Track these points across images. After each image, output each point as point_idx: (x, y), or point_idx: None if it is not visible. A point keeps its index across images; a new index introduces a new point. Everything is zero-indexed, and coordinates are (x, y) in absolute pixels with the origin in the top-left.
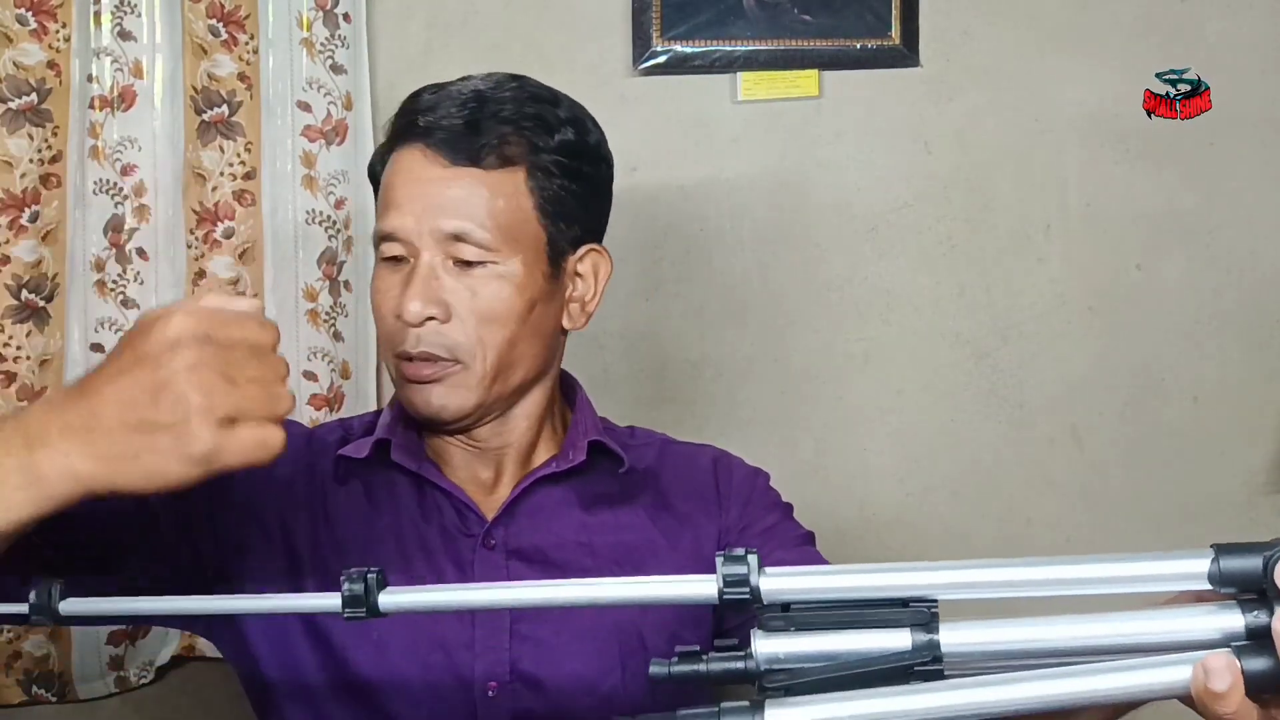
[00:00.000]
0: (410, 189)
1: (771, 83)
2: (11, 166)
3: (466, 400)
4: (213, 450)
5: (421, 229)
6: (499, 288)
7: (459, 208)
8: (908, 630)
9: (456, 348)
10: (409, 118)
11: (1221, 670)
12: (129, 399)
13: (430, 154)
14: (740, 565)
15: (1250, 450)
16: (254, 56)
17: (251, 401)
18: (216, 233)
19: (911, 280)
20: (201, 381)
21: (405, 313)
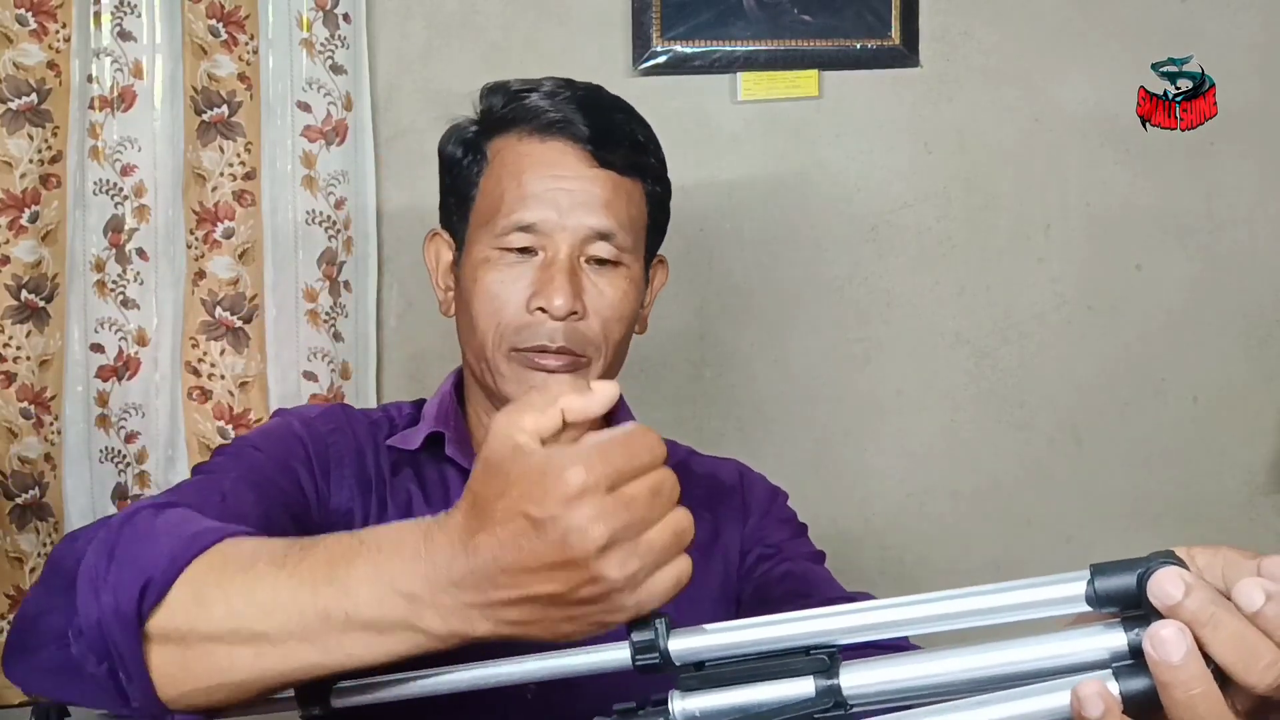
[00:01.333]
0: (557, 183)
1: (771, 83)
2: (11, 166)
3: None
4: (635, 611)
5: (565, 223)
6: (625, 289)
7: (606, 207)
8: (810, 678)
9: (587, 344)
10: (545, 113)
11: (1092, 697)
12: (535, 573)
13: (578, 151)
14: (648, 631)
15: (1250, 450)
16: (254, 57)
17: (666, 550)
18: (216, 233)
19: (911, 280)
20: (619, 557)
21: (552, 306)
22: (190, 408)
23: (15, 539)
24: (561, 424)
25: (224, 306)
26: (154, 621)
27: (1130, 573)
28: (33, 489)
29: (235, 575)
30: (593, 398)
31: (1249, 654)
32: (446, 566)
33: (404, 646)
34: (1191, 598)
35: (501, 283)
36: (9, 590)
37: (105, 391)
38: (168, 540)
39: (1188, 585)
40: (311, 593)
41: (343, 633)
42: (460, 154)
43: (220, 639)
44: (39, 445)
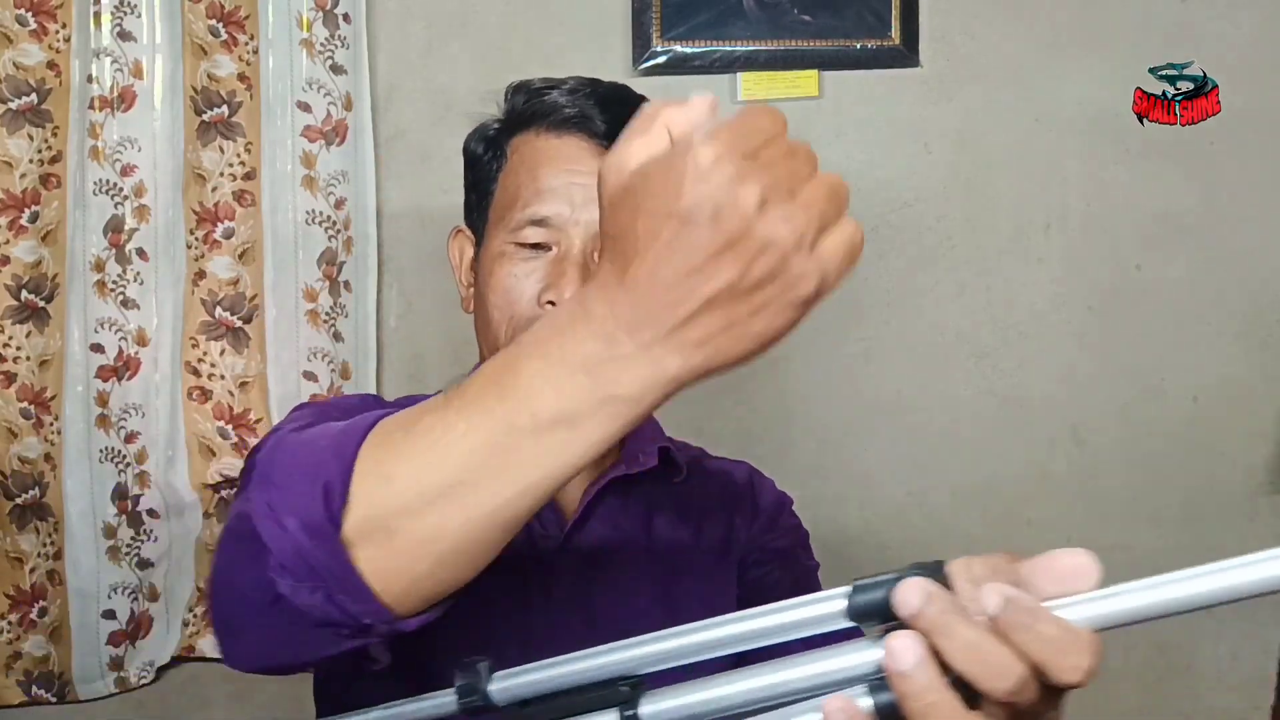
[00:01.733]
0: (570, 178)
1: (771, 83)
2: (11, 167)
3: None
4: (820, 280)
5: (579, 218)
6: None
7: None
8: (616, 710)
9: None
10: (561, 109)
11: (836, 713)
12: (702, 270)
13: (593, 146)
14: (472, 674)
15: (1250, 450)
16: (254, 57)
17: (824, 204)
18: (216, 233)
19: (911, 280)
20: (780, 214)
21: (563, 300)
22: (190, 408)
23: (15, 539)
24: (668, 142)
25: (224, 306)
26: (349, 524)
27: (886, 587)
28: (33, 489)
29: (405, 440)
30: (692, 106)
31: (982, 662)
32: (612, 316)
33: (604, 428)
34: (929, 606)
35: (514, 276)
36: (9, 590)
37: (105, 391)
38: (325, 443)
39: (926, 594)
40: (487, 414)
41: (535, 440)
42: (481, 151)
43: (419, 509)
44: (39, 445)
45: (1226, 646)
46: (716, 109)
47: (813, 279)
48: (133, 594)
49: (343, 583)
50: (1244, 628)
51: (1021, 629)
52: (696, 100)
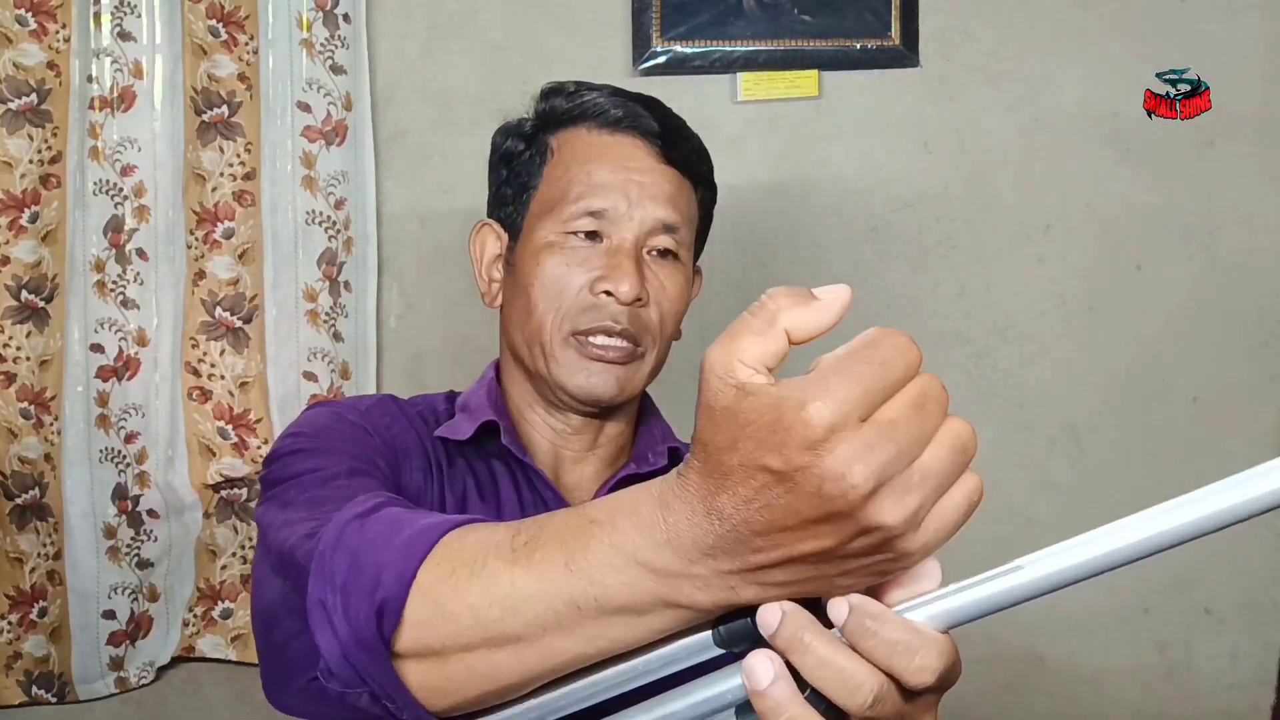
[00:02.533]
0: (627, 174)
1: (771, 83)
2: (11, 167)
3: (636, 385)
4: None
5: (633, 213)
6: (682, 284)
7: (672, 201)
8: None
9: (645, 333)
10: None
11: None
12: (795, 531)
13: (647, 146)
14: None
15: (1250, 450)
16: (254, 57)
17: (947, 473)
18: (216, 233)
19: (911, 280)
20: (893, 498)
21: (620, 290)
22: (190, 408)
23: (15, 539)
24: (787, 347)
25: (224, 307)
26: (400, 642)
27: (750, 612)
28: (33, 489)
29: (469, 579)
30: (821, 307)
31: (837, 677)
32: (692, 536)
33: (667, 623)
34: (784, 625)
35: (567, 265)
36: (9, 590)
37: (105, 392)
38: (388, 552)
39: (783, 613)
40: (553, 586)
41: (598, 620)
42: (521, 147)
43: (474, 647)
44: (39, 445)
45: (1226, 646)
46: (847, 307)
47: (917, 555)
48: (133, 594)
49: (389, 691)
50: (1244, 628)
51: (868, 635)
52: (827, 299)
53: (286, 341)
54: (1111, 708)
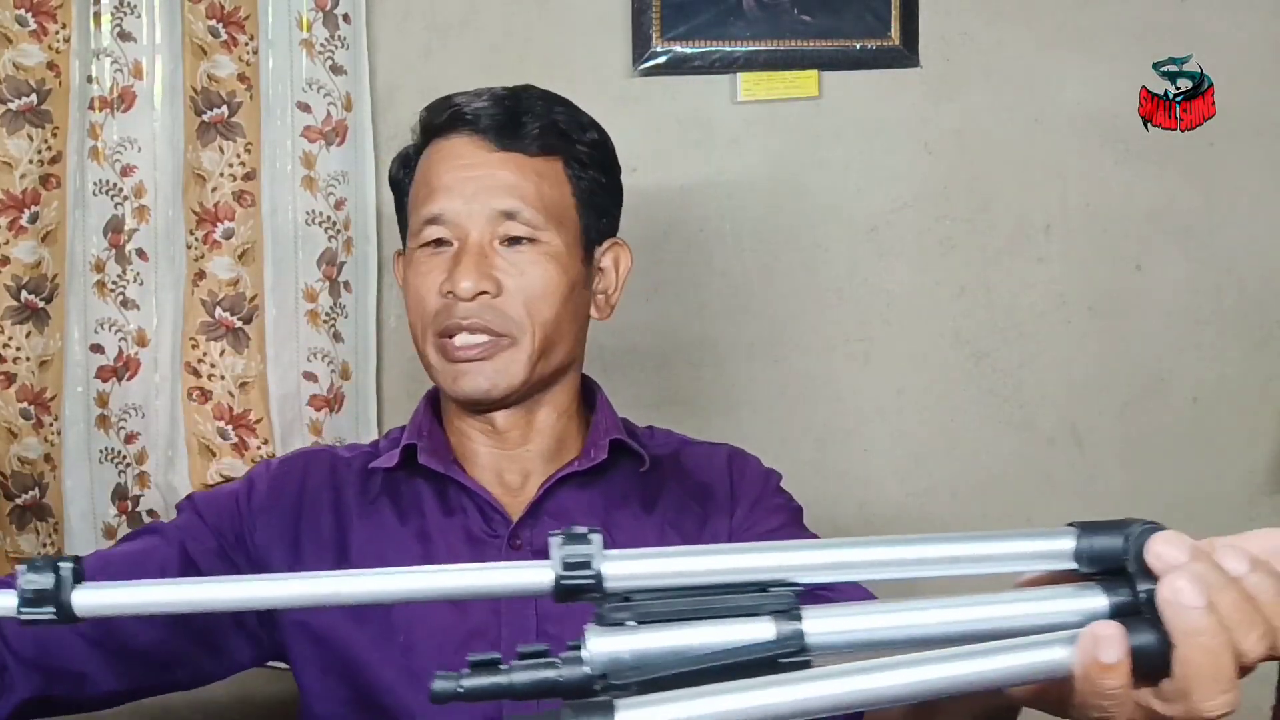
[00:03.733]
0: (460, 173)
1: (771, 83)
2: (11, 167)
3: (515, 376)
4: None
5: (472, 209)
6: (547, 266)
7: (511, 188)
8: (770, 619)
9: (507, 322)
10: (448, 111)
11: (1112, 638)
12: None
13: (478, 140)
14: (583, 545)
15: (1250, 450)
16: (254, 57)
17: None
18: (216, 233)
19: (911, 280)
20: None
21: (458, 288)
22: (190, 408)
23: (15, 539)
24: None
25: (224, 307)
26: None
27: (1117, 534)
28: (33, 489)
29: None
30: None
31: (1248, 621)
32: None
33: None
34: (1196, 561)
35: (421, 275)
36: None
37: (105, 392)
38: None
39: (1192, 549)
40: None
41: None
42: (401, 174)
43: None
44: (39, 446)
45: None
46: None
47: None
48: None
49: None
50: None
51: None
52: None
53: (286, 342)
54: None
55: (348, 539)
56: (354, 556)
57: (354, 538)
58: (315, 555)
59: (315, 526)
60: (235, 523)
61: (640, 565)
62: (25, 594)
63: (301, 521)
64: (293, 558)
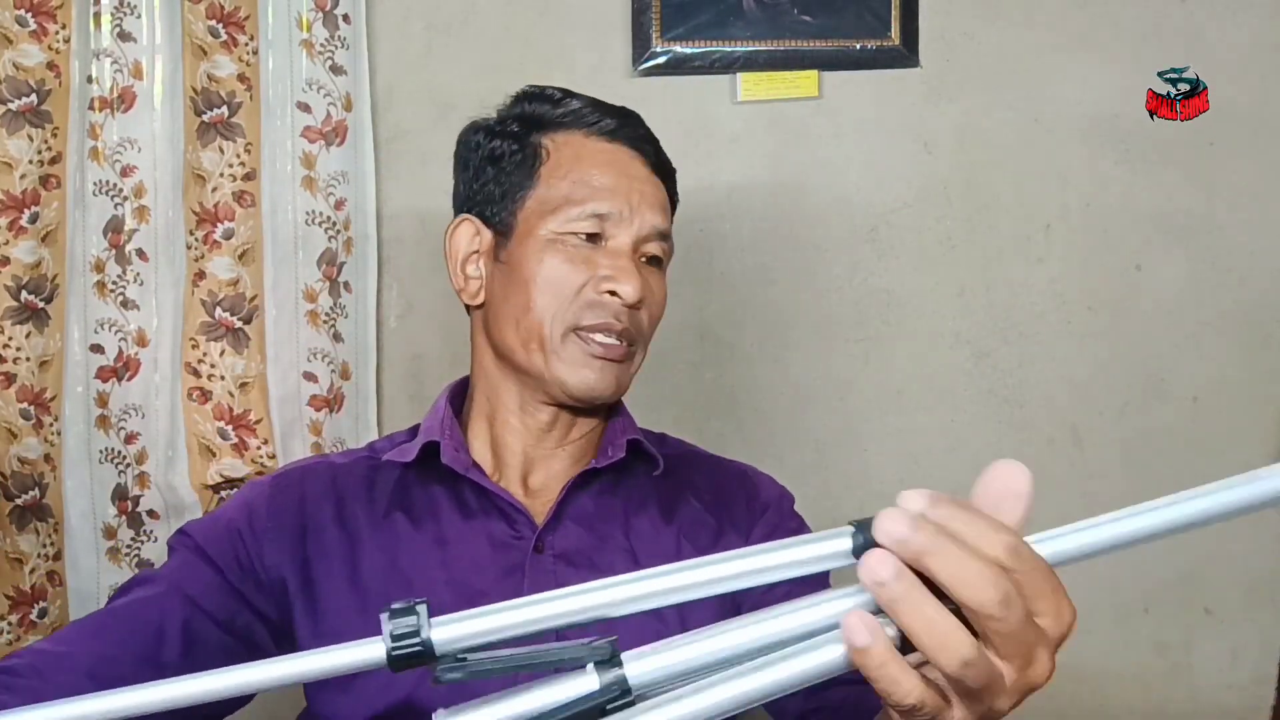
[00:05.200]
0: (629, 182)
1: (771, 83)
2: (11, 167)
3: (627, 385)
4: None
5: (634, 218)
6: (664, 290)
7: (663, 211)
8: (593, 669)
9: (639, 335)
10: (596, 115)
11: (855, 625)
12: None
13: (641, 158)
14: (409, 617)
15: (1250, 450)
16: (254, 57)
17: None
18: (216, 233)
19: (911, 280)
20: None
21: (625, 292)
22: (190, 408)
23: (15, 540)
24: None
25: (224, 307)
26: None
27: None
28: (32, 490)
29: None
30: None
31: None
32: None
33: None
34: (918, 531)
35: (570, 263)
36: (9, 591)
37: (105, 392)
38: None
39: (911, 520)
40: None
41: None
42: (514, 148)
43: None
44: (39, 446)
45: (1226, 646)
46: None
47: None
48: None
49: None
50: (1244, 628)
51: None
52: None
53: (286, 342)
54: (1111, 708)
55: (358, 552)
56: (366, 570)
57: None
58: (326, 572)
59: (321, 543)
60: (239, 550)
61: (466, 627)
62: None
63: (307, 539)
64: (303, 577)
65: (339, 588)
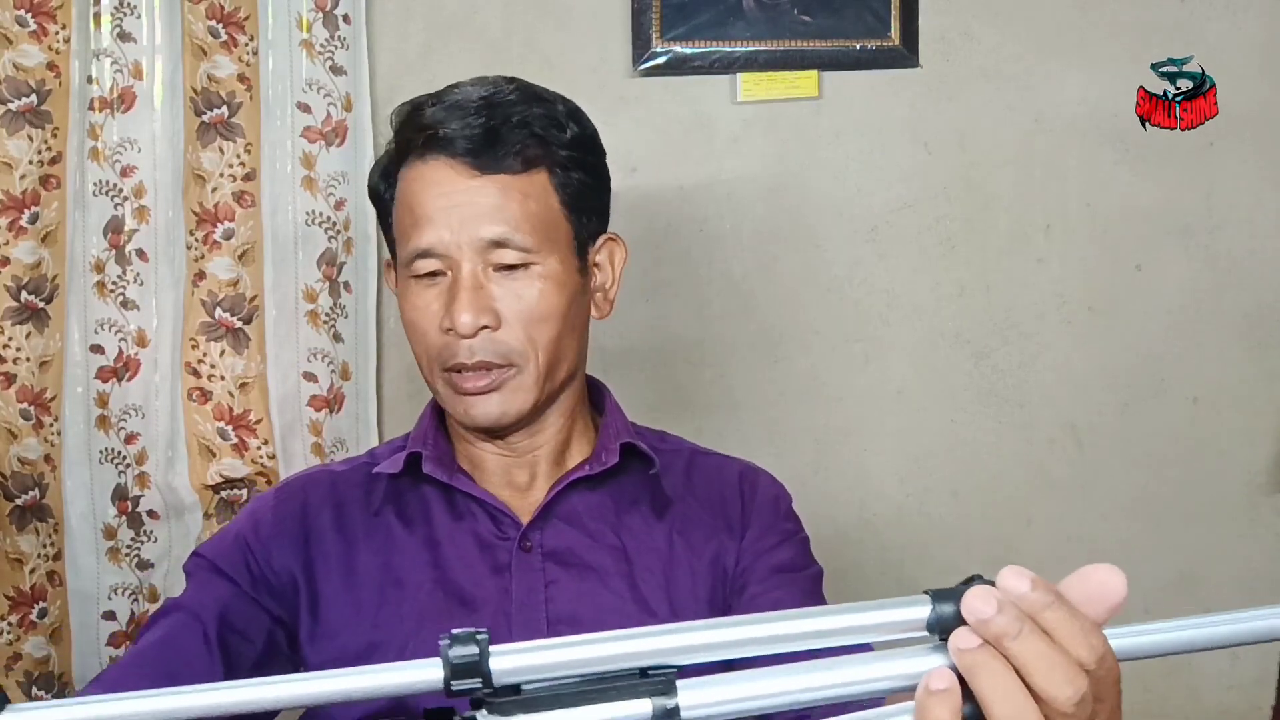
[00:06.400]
0: (443, 201)
1: (771, 83)
2: (11, 168)
3: (525, 402)
4: None
5: (460, 240)
6: (543, 288)
7: (497, 214)
8: (647, 699)
9: (510, 353)
10: (424, 131)
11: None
12: None
13: (458, 165)
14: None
15: (1250, 450)
16: (254, 58)
17: None
18: (216, 234)
19: (911, 280)
20: None
21: (458, 325)
22: (190, 409)
23: (15, 540)
24: None
25: (224, 307)
26: None
27: (954, 598)
28: (32, 490)
29: None
30: None
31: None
32: None
33: None
34: (1000, 612)
35: (416, 309)
36: (9, 591)
37: (105, 392)
38: None
39: (999, 602)
40: None
41: None
42: (382, 187)
43: None
44: (39, 446)
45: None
46: None
47: None
48: (133, 595)
49: None
50: None
51: None
52: None
53: (286, 342)
54: None
55: (354, 556)
56: (361, 572)
57: (360, 552)
58: (325, 577)
59: (323, 548)
60: (248, 561)
61: (528, 659)
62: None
63: (310, 546)
64: (307, 577)
65: (336, 588)
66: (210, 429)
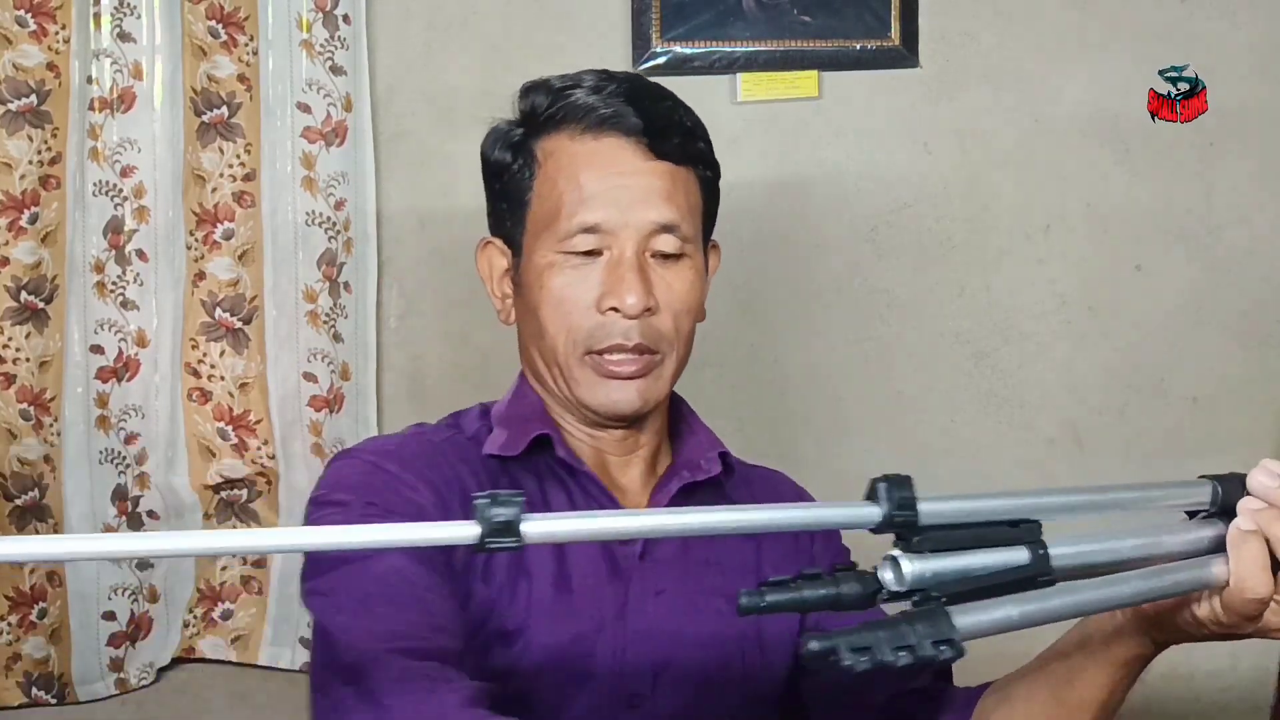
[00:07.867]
0: (616, 180)
1: (771, 83)
2: (11, 168)
3: (661, 392)
4: None
5: (628, 219)
6: (692, 280)
7: (668, 199)
8: (1025, 548)
9: (661, 340)
10: (587, 106)
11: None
12: None
13: (631, 145)
14: (907, 489)
15: (1250, 450)
16: (253, 58)
17: None
18: (216, 234)
19: (911, 280)
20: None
21: (624, 305)
22: (190, 409)
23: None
24: None
25: (224, 308)
26: None
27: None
28: (32, 490)
29: None
30: None
31: None
32: None
33: None
34: None
35: (569, 285)
36: (9, 592)
37: (105, 393)
38: None
39: None
40: None
41: None
42: (509, 159)
43: None
44: (39, 447)
45: (1226, 646)
46: None
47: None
48: (133, 595)
49: None
50: None
51: None
52: None
53: (286, 342)
54: None
55: None
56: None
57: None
58: None
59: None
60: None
61: (943, 506)
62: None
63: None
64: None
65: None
66: (210, 429)
